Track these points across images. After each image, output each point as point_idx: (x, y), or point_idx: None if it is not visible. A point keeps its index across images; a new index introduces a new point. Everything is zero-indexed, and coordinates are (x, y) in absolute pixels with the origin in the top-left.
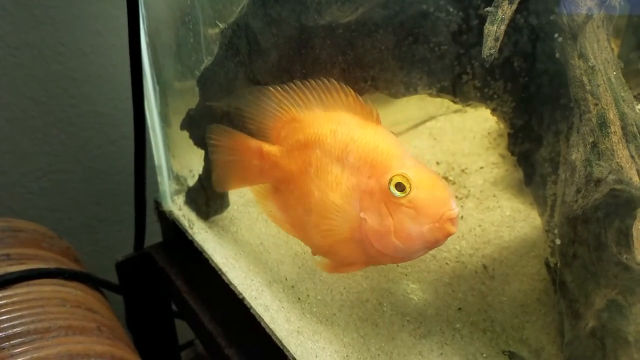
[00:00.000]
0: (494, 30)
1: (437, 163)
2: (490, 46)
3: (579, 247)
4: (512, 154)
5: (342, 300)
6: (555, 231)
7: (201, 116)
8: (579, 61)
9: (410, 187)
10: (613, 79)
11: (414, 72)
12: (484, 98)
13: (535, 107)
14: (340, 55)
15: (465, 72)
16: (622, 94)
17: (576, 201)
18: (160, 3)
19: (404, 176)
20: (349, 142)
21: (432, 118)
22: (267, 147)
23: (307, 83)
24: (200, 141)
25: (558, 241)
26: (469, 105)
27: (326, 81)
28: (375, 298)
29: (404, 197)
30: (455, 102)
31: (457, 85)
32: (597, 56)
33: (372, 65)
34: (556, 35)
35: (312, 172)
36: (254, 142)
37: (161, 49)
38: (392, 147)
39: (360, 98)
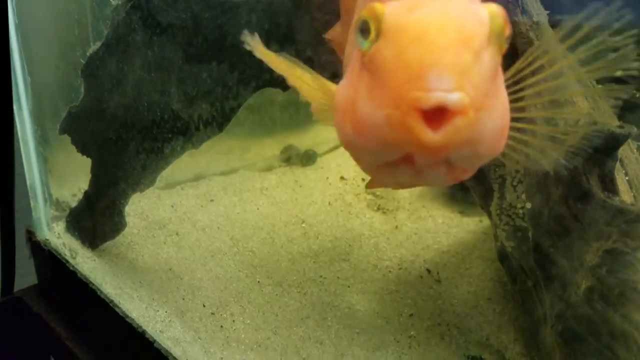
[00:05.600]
0: None
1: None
2: None
3: (554, 204)
4: None
5: (278, 321)
6: (512, 212)
7: (88, 114)
8: (523, 17)
9: (376, 32)
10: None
11: None
12: None
13: None
14: None
15: None
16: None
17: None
18: None
19: (372, 11)
20: None
21: None
22: None
23: None
24: (86, 146)
25: (529, 205)
26: None
27: None
28: (317, 314)
29: (366, 49)
30: None
31: None
32: (540, 13)
33: None
34: None
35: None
36: None
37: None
38: None
39: None
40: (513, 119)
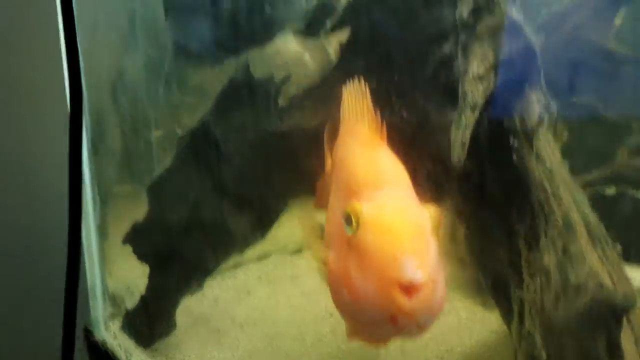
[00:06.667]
0: (460, 136)
1: None
2: (458, 151)
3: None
4: (471, 255)
5: None
6: (532, 341)
7: (149, 229)
8: (536, 164)
9: (357, 224)
10: (567, 180)
11: None
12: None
13: (492, 209)
14: None
15: None
16: (577, 196)
17: (557, 309)
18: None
19: (353, 208)
20: (344, 162)
21: None
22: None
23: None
24: (146, 256)
25: (544, 355)
26: None
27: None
28: None
29: (352, 234)
30: None
31: None
32: (552, 158)
33: None
34: (511, 139)
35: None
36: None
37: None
38: (377, 171)
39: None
40: None
